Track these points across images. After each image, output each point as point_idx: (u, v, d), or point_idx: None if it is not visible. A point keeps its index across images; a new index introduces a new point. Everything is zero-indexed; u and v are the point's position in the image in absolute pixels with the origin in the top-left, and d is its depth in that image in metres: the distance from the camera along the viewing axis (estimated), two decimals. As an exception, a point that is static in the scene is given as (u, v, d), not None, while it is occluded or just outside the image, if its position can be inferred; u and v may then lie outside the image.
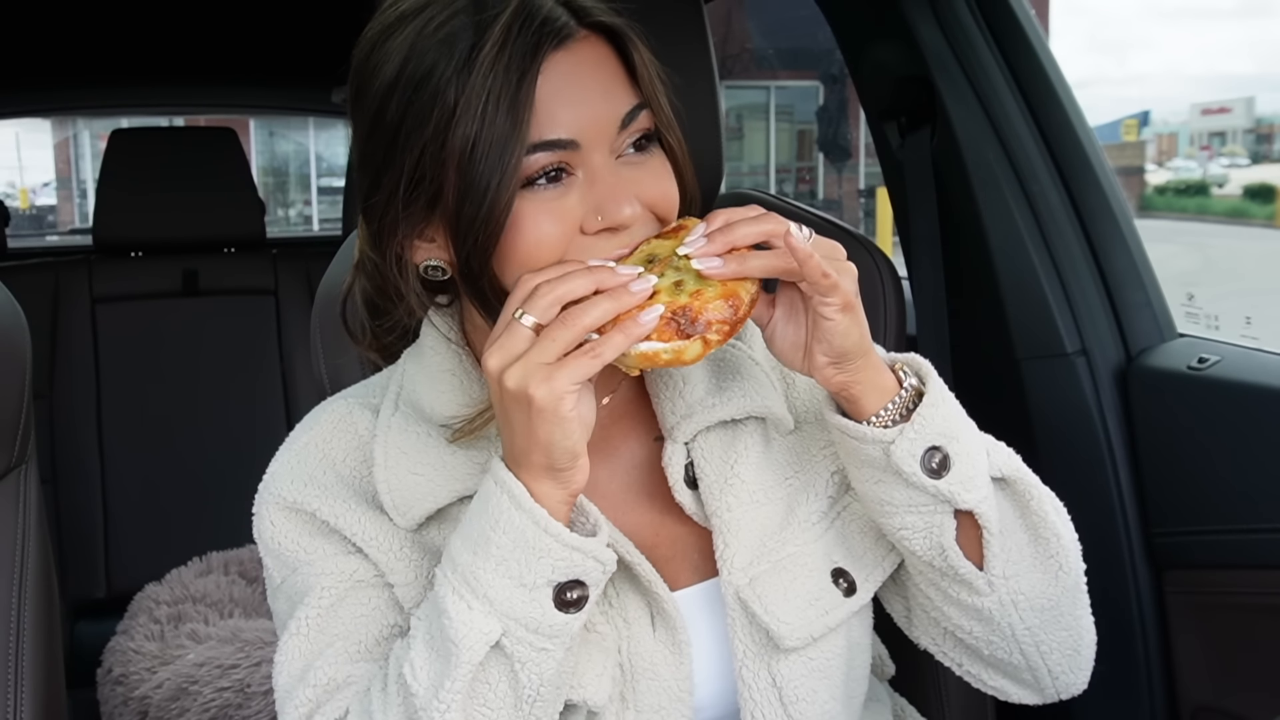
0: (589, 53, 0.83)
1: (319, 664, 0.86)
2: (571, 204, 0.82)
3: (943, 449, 0.84)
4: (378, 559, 0.89)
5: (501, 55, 0.78)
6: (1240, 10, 40.86)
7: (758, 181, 17.85)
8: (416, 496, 0.89)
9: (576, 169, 0.82)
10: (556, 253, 0.81)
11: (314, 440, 0.93)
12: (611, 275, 0.77)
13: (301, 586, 0.90)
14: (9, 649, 1.13)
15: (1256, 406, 1.44)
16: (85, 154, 17.29)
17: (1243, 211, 15.09)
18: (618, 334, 0.76)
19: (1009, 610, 0.89)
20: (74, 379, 2.77)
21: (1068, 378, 1.62)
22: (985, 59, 1.64)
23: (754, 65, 17.00)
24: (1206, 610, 1.53)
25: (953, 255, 1.73)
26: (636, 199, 0.83)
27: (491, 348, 0.77)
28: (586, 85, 0.82)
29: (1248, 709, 1.47)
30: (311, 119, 12.59)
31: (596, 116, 0.82)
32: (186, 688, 2.08)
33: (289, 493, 0.90)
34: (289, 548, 0.90)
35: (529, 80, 0.78)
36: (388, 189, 0.83)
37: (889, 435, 0.84)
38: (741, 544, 0.91)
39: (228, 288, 2.93)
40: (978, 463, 0.87)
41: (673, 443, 0.93)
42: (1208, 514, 1.50)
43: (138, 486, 2.78)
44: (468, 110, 0.78)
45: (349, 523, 0.89)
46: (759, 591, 0.90)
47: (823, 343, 0.82)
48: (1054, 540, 0.91)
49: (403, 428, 0.91)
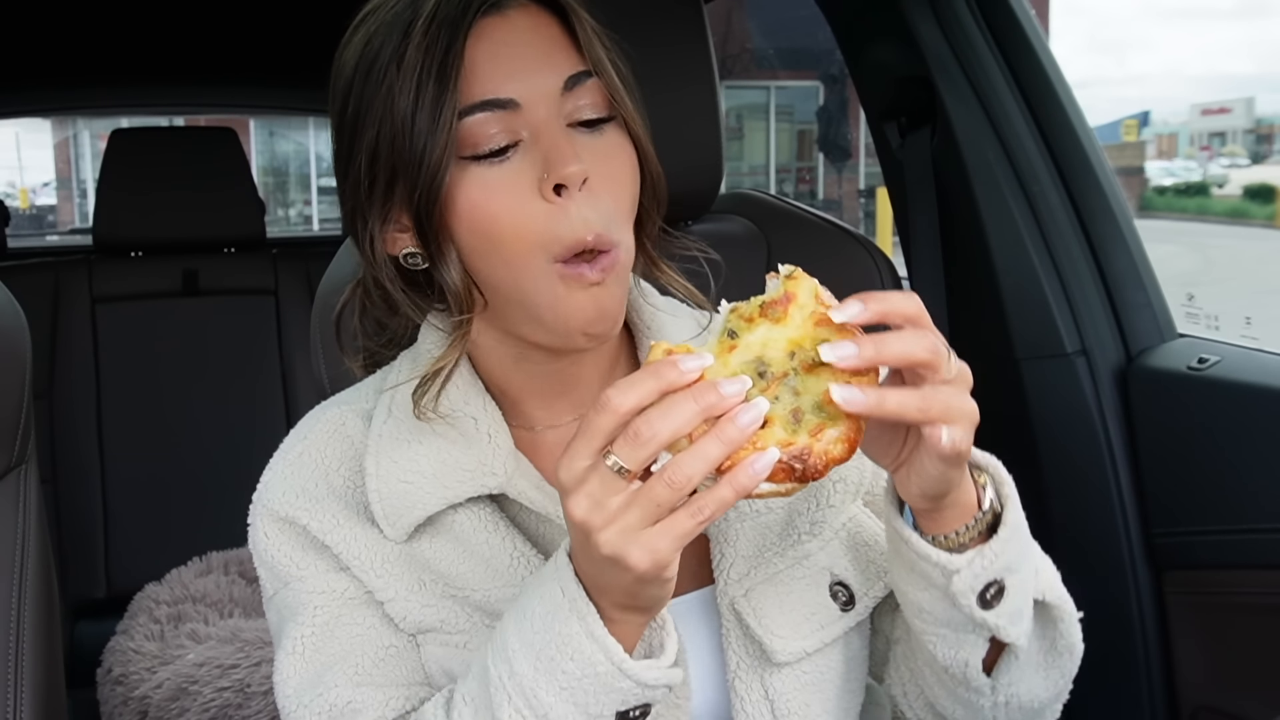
0: (525, 20, 0.83)
1: (323, 687, 0.86)
2: (519, 169, 0.80)
3: (1001, 581, 0.79)
4: (365, 577, 0.88)
5: (431, 26, 0.79)
6: (1240, 10, 40.83)
7: (758, 181, 17.84)
8: (406, 505, 0.87)
9: (521, 132, 0.81)
10: (511, 218, 0.80)
11: (308, 450, 0.92)
12: (716, 394, 0.66)
13: (293, 602, 0.89)
14: (9, 649, 1.13)
15: (1256, 406, 1.44)
16: (85, 154, 17.29)
17: (1243, 212, 15.10)
18: (726, 488, 0.66)
19: (1000, 709, 0.88)
20: (74, 379, 2.77)
21: (1068, 378, 1.61)
22: (985, 59, 1.64)
23: (754, 65, 17.00)
24: (1206, 610, 1.53)
25: (953, 255, 1.73)
26: (585, 164, 0.80)
27: (576, 493, 0.68)
28: (523, 49, 0.81)
29: (1248, 709, 1.47)
30: (311, 119, 12.56)
31: (535, 76, 0.81)
32: (186, 688, 2.08)
33: (281, 505, 0.90)
34: (281, 561, 0.90)
35: (458, 41, 0.78)
36: (352, 179, 0.84)
37: (955, 563, 0.78)
38: (739, 553, 0.90)
39: (228, 288, 2.92)
40: (1028, 592, 0.83)
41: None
42: (1208, 514, 1.50)
43: (138, 486, 2.77)
44: (405, 82, 0.79)
45: (338, 538, 0.88)
46: (754, 604, 0.89)
47: (919, 477, 0.75)
48: (1068, 657, 0.89)
49: (394, 435, 0.89)
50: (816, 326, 0.70)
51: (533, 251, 0.81)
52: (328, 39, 0.90)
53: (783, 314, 0.71)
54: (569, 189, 0.80)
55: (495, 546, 0.88)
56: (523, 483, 0.88)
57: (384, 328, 0.95)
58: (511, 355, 0.90)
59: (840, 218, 1.58)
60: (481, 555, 0.88)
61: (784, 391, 0.69)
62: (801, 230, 1.48)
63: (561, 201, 0.80)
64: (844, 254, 1.43)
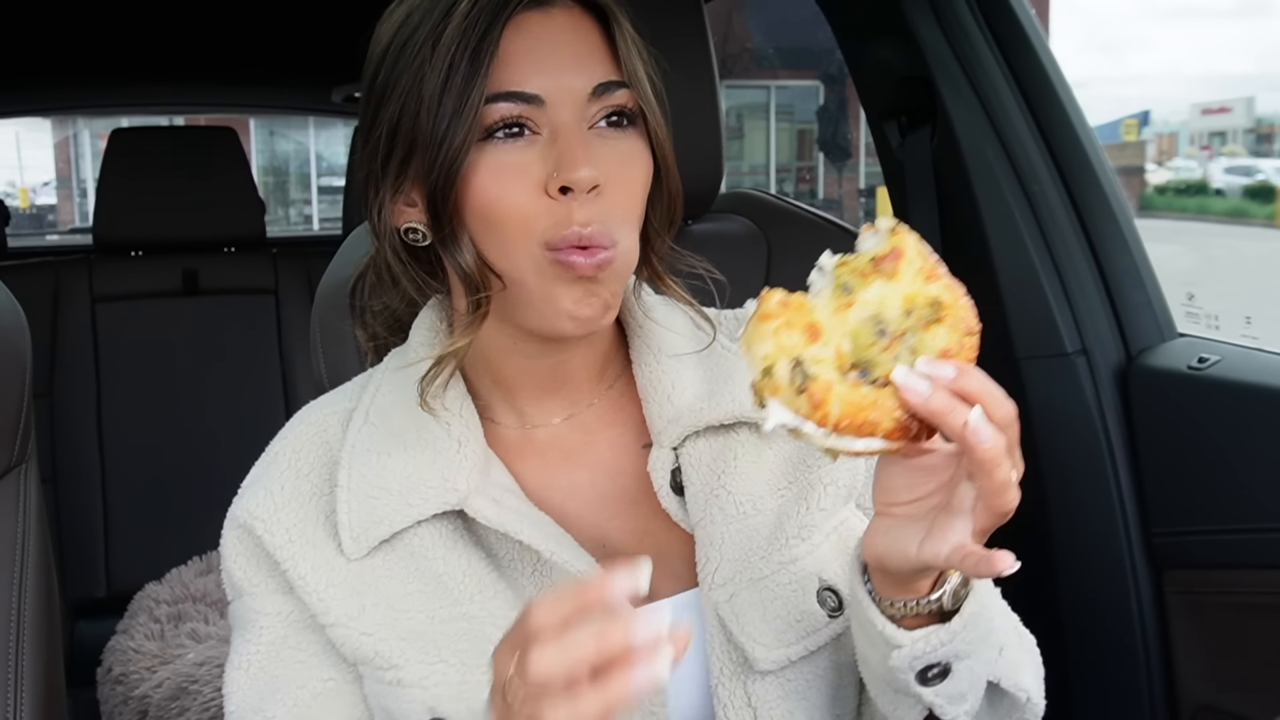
0: (566, 19, 0.83)
1: (270, 710, 0.86)
2: (531, 161, 0.80)
3: (947, 665, 0.77)
4: (309, 599, 0.87)
5: (473, 10, 0.79)
6: (1239, 10, 40.85)
7: (758, 181, 17.85)
8: (372, 521, 0.86)
9: (541, 127, 0.81)
10: (514, 206, 0.80)
11: (284, 449, 0.92)
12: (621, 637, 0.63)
13: (243, 615, 0.90)
14: (9, 649, 1.13)
15: (1256, 406, 1.44)
16: (85, 153, 17.29)
17: (1243, 211, 15.10)
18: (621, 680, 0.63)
19: None
20: (74, 378, 2.77)
21: (1068, 377, 1.61)
22: (985, 59, 1.64)
23: (754, 65, 17.01)
24: (1206, 610, 1.53)
25: (953, 255, 1.72)
26: (598, 169, 0.80)
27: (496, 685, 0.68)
28: (559, 47, 0.82)
29: (1248, 709, 1.47)
30: (311, 119, 12.60)
31: (565, 78, 0.81)
32: (186, 687, 2.08)
33: (243, 512, 0.89)
34: (235, 572, 0.90)
35: (495, 30, 0.79)
36: (371, 146, 0.85)
37: (899, 639, 0.76)
38: (724, 557, 0.88)
39: (228, 287, 2.93)
40: (981, 676, 0.81)
41: (659, 447, 0.90)
42: (1208, 514, 1.50)
43: (138, 486, 2.78)
44: (438, 61, 0.79)
45: (289, 554, 0.87)
46: (737, 610, 0.87)
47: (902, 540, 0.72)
48: None
49: (367, 447, 0.89)
50: (927, 282, 0.69)
51: (528, 235, 0.81)
52: (329, 38, 0.91)
53: (894, 269, 0.69)
54: (575, 192, 0.80)
55: (451, 564, 0.87)
56: (482, 500, 0.86)
57: (388, 307, 0.95)
58: (507, 344, 0.89)
59: (840, 217, 1.58)
60: (434, 573, 0.87)
61: (902, 350, 0.68)
62: (802, 230, 1.48)
63: (565, 200, 0.80)
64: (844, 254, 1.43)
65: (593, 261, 0.81)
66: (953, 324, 0.69)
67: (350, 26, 0.94)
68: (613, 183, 0.81)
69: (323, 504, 0.89)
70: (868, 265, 0.70)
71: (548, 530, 0.86)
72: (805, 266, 0.74)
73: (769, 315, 0.68)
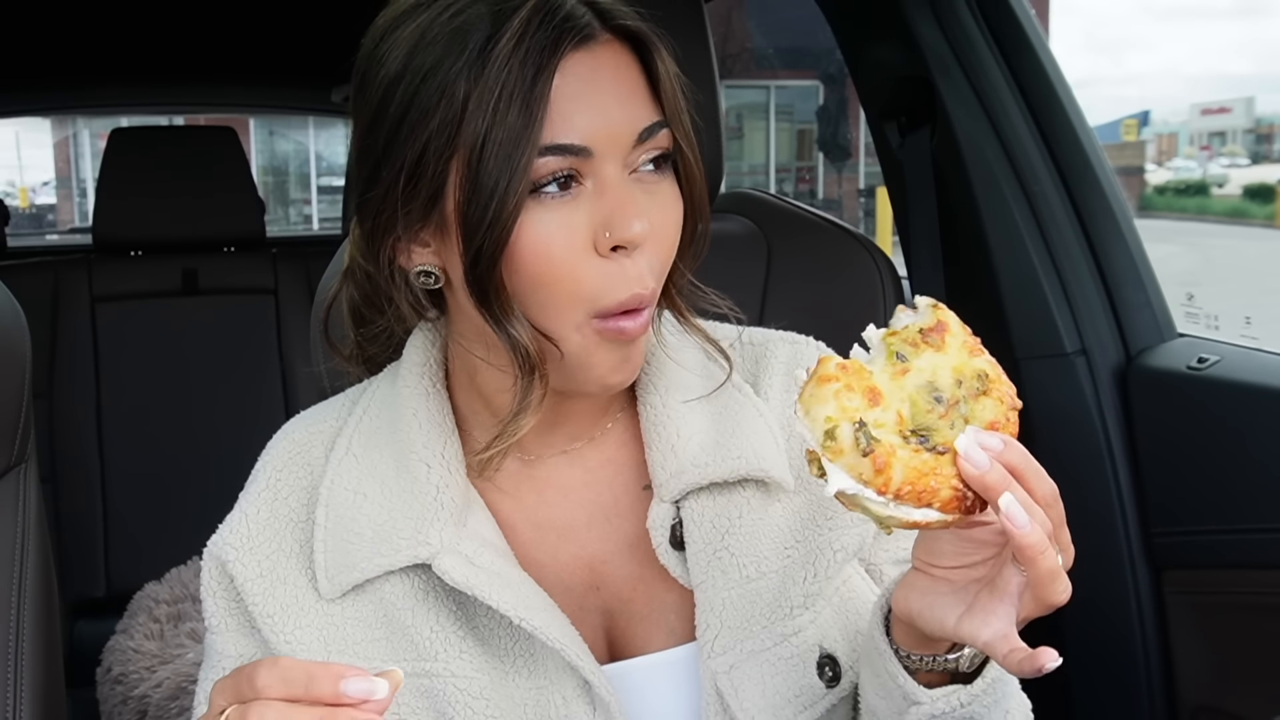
0: (610, 57, 0.77)
1: None
2: (579, 215, 0.76)
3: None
4: (273, 639, 0.84)
5: (518, 49, 0.73)
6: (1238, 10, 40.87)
7: (758, 181, 17.85)
8: (346, 565, 0.83)
9: (586, 179, 0.76)
10: (565, 270, 0.75)
11: (266, 467, 0.90)
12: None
13: (211, 648, 0.88)
14: (9, 649, 1.13)
15: (1256, 406, 1.44)
16: (85, 153, 17.28)
17: (1243, 211, 15.10)
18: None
19: None
20: (74, 378, 2.77)
21: (1067, 377, 1.62)
22: (985, 59, 1.64)
23: (754, 65, 17.01)
24: (1206, 610, 1.53)
25: (953, 255, 1.73)
26: (648, 222, 0.76)
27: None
28: (605, 91, 0.76)
29: (1248, 709, 1.47)
30: (311, 119, 12.59)
31: (612, 125, 0.76)
32: (186, 687, 2.08)
33: (221, 542, 0.87)
34: (208, 605, 0.88)
35: (545, 77, 0.73)
36: (385, 183, 0.78)
37: (920, 696, 0.75)
38: (725, 624, 0.84)
39: (227, 287, 2.92)
40: None
41: (659, 501, 0.86)
42: (1207, 513, 1.50)
43: (138, 486, 2.77)
44: (479, 105, 0.73)
45: (258, 590, 0.85)
46: (736, 683, 0.83)
47: (942, 609, 0.71)
48: None
49: (346, 484, 0.85)
50: (971, 356, 0.70)
51: (576, 300, 0.77)
52: (328, 38, 0.90)
53: (941, 342, 0.70)
54: (627, 249, 0.76)
55: (419, 618, 0.84)
56: (453, 559, 0.82)
57: (368, 321, 0.90)
58: (510, 385, 0.83)
59: (840, 217, 1.58)
60: (401, 624, 0.84)
61: (956, 419, 0.69)
62: (802, 230, 1.48)
63: (617, 258, 0.76)
64: (844, 254, 1.43)
65: (639, 324, 0.78)
66: (999, 397, 0.69)
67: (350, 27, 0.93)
68: (655, 233, 0.78)
69: (299, 533, 0.86)
70: (916, 336, 0.71)
71: (522, 592, 0.82)
72: (805, 266, 0.74)
73: (828, 378, 0.67)
